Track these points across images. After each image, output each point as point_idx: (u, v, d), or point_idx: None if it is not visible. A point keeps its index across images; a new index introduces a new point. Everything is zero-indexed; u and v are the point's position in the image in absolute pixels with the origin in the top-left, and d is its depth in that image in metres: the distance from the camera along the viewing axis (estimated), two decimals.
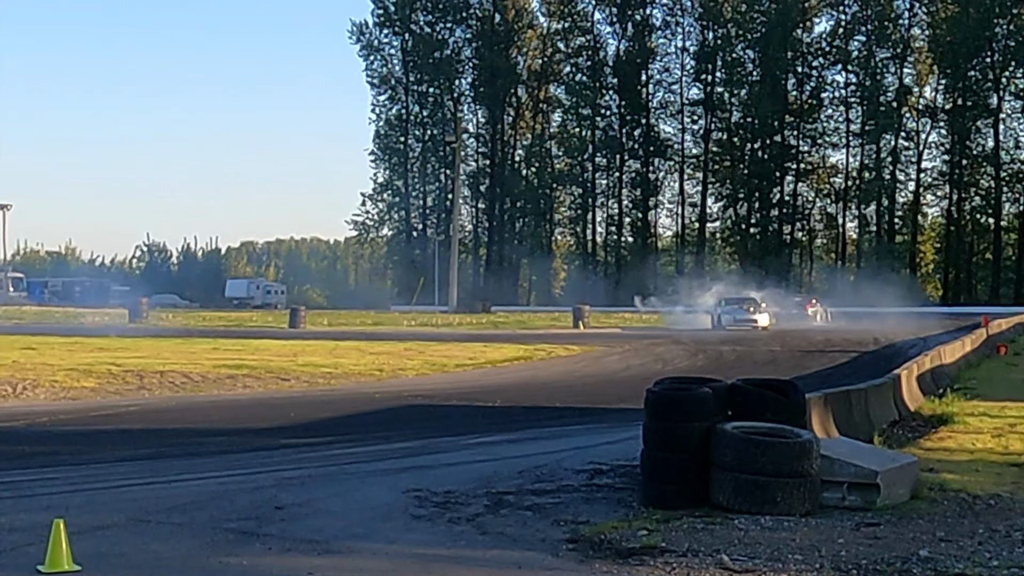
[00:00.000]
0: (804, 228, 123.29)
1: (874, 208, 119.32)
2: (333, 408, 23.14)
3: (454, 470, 14.56)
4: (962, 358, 31.85)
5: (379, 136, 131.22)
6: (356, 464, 15.20)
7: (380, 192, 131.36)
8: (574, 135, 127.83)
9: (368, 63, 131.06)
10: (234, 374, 29.61)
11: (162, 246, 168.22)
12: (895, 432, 17.90)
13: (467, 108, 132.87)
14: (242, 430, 19.53)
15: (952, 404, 21.07)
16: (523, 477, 13.72)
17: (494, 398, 24.90)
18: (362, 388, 27.88)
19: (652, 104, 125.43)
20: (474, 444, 17.70)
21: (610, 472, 14.10)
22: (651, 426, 12.25)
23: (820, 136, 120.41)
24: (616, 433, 18.05)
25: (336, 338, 49.21)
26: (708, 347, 42.77)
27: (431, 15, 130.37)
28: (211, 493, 12.62)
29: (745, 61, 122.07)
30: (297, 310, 67.18)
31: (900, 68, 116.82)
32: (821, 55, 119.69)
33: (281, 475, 14.04)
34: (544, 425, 20.52)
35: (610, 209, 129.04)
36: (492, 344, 44.86)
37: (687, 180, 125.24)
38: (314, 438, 18.43)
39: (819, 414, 14.48)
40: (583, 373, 33.55)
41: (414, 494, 12.48)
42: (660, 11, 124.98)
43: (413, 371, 32.92)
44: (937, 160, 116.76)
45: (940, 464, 14.70)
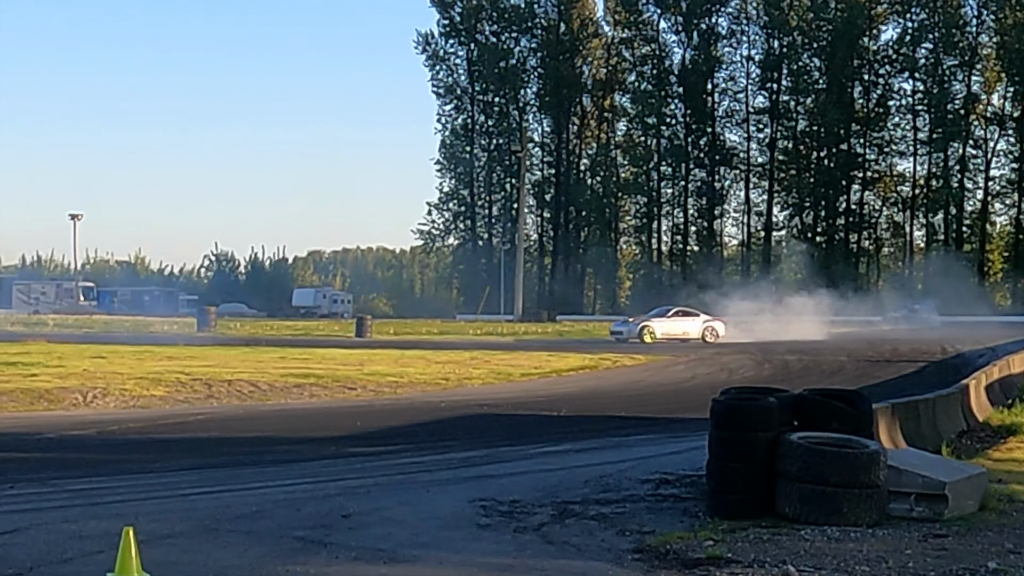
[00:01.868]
0: (871, 237, 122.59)
1: (942, 216, 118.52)
2: (399, 417, 23.21)
3: (519, 479, 14.56)
4: None
5: (445, 145, 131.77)
6: (422, 473, 15.23)
7: (446, 201, 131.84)
8: (639, 144, 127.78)
9: (434, 73, 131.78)
10: (301, 383, 29.74)
11: (230, 255, 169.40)
12: (963, 443, 17.78)
13: (532, 117, 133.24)
14: (309, 439, 19.62)
15: (1021, 414, 20.90)
16: (588, 487, 13.72)
17: (559, 407, 24.89)
18: (428, 397, 27.94)
19: (717, 113, 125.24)
20: (539, 453, 17.70)
21: (676, 482, 14.07)
22: (716, 436, 12.23)
23: (887, 144, 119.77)
24: (682, 443, 18.00)
25: (402, 347, 49.35)
26: (775, 356, 42.58)
27: (496, 25, 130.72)
28: (278, 501, 12.69)
29: (811, 69, 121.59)
30: (363, 319, 67.49)
31: (968, 75, 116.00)
32: (888, 63, 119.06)
33: (347, 484, 14.11)
34: (609, 435, 20.50)
35: (675, 218, 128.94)
36: (557, 353, 44.87)
37: (752, 189, 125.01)
38: (380, 447, 18.49)
39: (886, 424, 14.41)
40: (648, 382, 33.50)
41: (480, 503, 12.51)
42: (726, 20, 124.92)
43: (479, 380, 32.96)
44: (1005, 168, 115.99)
45: (1009, 475, 14.58)
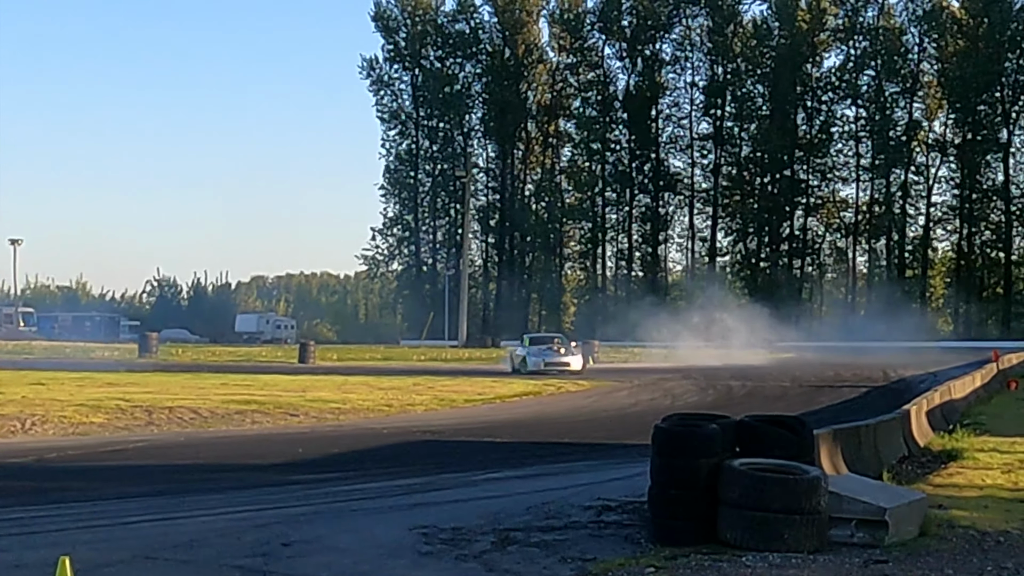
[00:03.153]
0: (814, 263, 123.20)
1: (884, 242, 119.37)
2: (341, 444, 23.13)
3: (462, 506, 14.52)
4: (972, 393, 31.78)
5: (389, 171, 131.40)
6: (363, 500, 15.18)
7: (390, 227, 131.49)
8: (584, 169, 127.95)
9: (378, 98, 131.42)
10: (243, 409, 29.62)
11: (172, 281, 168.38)
12: (904, 468, 17.86)
13: (477, 143, 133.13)
14: (250, 466, 19.53)
15: (962, 440, 21.03)
16: (531, 514, 13.68)
17: (502, 434, 24.89)
18: (370, 423, 27.87)
19: (662, 138, 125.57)
20: (482, 480, 17.68)
21: (618, 509, 14.05)
22: (659, 463, 12.23)
23: (830, 170, 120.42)
24: (624, 469, 18.00)
25: (345, 373, 49.22)
26: (718, 382, 42.74)
27: (441, 50, 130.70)
28: (218, 530, 12.60)
29: (755, 96, 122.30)
30: (306, 345, 67.30)
31: (910, 103, 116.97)
32: (831, 90, 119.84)
33: (289, 511, 14.04)
34: (552, 461, 20.50)
35: (620, 243, 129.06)
36: (501, 379, 44.92)
37: (697, 214, 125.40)
38: (322, 474, 18.42)
39: (828, 450, 14.44)
40: (592, 408, 33.53)
41: (421, 531, 12.45)
42: (670, 46, 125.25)
43: (422, 406, 32.92)
44: (947, 194, 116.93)
45: (949, 500, 14.65)
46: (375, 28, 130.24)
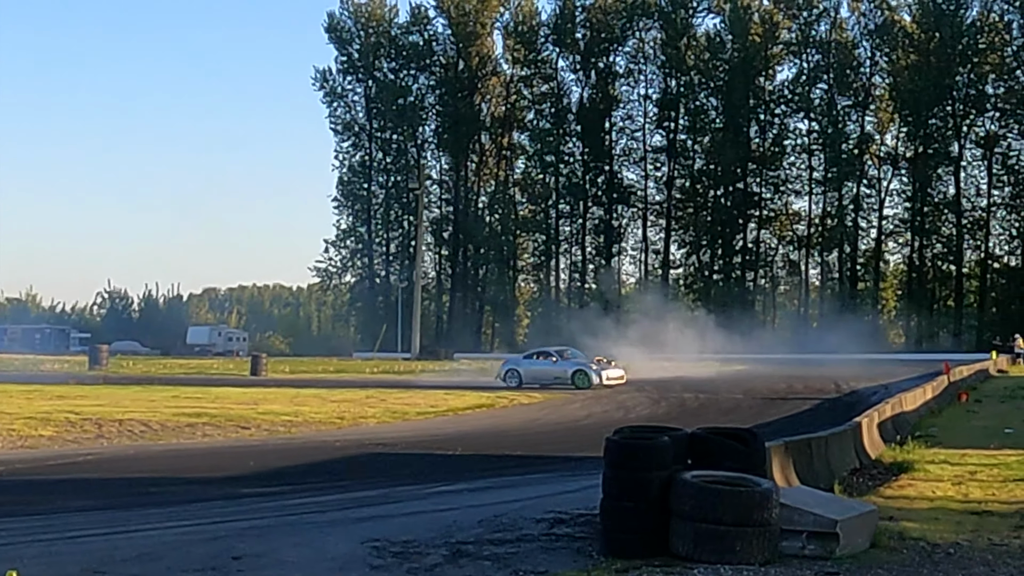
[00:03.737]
0: (767, 275, 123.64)
1: (836, 255, 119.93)
2: (293, 457, 23.03)
3: (413, 519, 14.46)
4: (923, 405, 31.92)
5: (342, 182, 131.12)
6: (315, 513, 15.10)
7: (343, 238, 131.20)
8: (537, 182, 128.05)
9: (331, 109, 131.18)
10: (193, 422, 29.47)
11: (123, 293, 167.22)
12: (856, 480, 17.90)
13: (430, 155, 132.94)
14: (200, 479, 19.40)
15: (913, 452, 21.11)
16: (483, 526, 13.64)
17: (455, 446, 24.82)
18: (322, 436, 27.75)
19: (615, 151, 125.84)
20: (434, 493, 17.62)
21: (570, 521, 14.02)
22: (610, 475, 12.20)
23: (782, 183, 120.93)
24: (577, 482, 17.97)
25: (297, 386, 49.08)
26: (671, 394, 42.78)
27: (394, 62, 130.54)
28: (168, 543, 12.51)
29: (708, 108, 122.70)
30: (258, 357, 66.98)
31: (862, 116, 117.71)
32: (783, 103, 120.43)
33: (239, 525, 13.94)
34: (505, 474, 20.47)
35: (573, 256, 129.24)
36: (454, 392, 44.79)
37: (650, 227, 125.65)
38: (273, 487, 18.32)
39: (779, 462, 14.46)
40: (545, 421, 33.50)
41: (372, 544, 12.39)
42: (623, 59, 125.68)
43: (374, 419, 32.82)
44: (898, 207, 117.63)
45: (900, 512, 14.69)
46: (328, 39, 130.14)
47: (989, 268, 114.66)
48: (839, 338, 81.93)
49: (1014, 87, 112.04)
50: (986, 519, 14.53)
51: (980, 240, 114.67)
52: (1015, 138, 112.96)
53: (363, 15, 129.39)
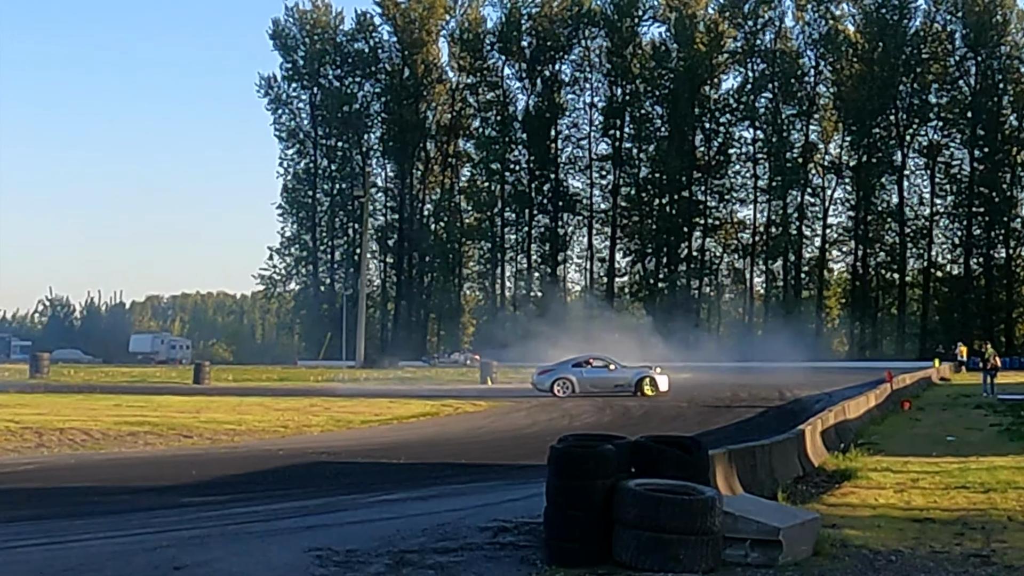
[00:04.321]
0: (712, 283, 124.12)
1: (781, 263, 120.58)
2: (235, 466, 22.84)
3: (357, 528, 14.37)
4: (866, 413, 32.05)
5: (287, 190, 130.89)
6: (257, 523, 14.97)
7: (288, 246, 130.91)
8: (483, 189, 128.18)
9: (276, 117, 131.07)
10: (135, 431, 29.22)
11: (65, 300, 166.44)
12: (799, 488, 17.93)
13: (376, 162, 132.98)
14: (142, 488, 19.20)
15: (855, 459, 21.18)
16: (426, 535, 13.56)
17: (399, 455, 24.70)
18: (266, 445, 27.55)
19: (561, 159, 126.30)
20: (378, 502, 17.51)
21: (514, 530, 13.97)
22: (554, 483, 12.17)
23: (727, 192, 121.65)
24: (521, 490, 17.92)
25: (241, 394, 48.78)
26: (615, 403, 42.75)
27: (340, 69, 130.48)
28: (108, 554, 12.36)
29: (653, 117, 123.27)
30: (201, 365, 66.54)
31: (806, 125, 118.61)
32: (728, 111, 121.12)
33: (180, 535, 13.80)
34: (449, 482, 20.38)
35: (519, 264, 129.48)
36: (399, 400, 44.67)
37: (596, 235, 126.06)
38: (215, 496, 18.15)
39: (723, 470, 14.47)
40: (490, 429, 33.39)
41: (315, 553, 12.29)
42: (569, 67, 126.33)
43: (318, 428, 32.62)
44: (842, 216, 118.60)
45: (843, 520, 14.72)
46: (273, 46, 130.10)
47: (932, 276, 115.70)
48: (783, 346, 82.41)
49: (957, 96, 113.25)
50: (928, 526, 14.59)
51: (923, 249, 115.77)
52: (958, 147, 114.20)
53: (308, 22, 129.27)
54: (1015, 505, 16.53)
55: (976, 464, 21.86)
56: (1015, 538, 13.77)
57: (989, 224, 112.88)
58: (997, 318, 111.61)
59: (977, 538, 13.71)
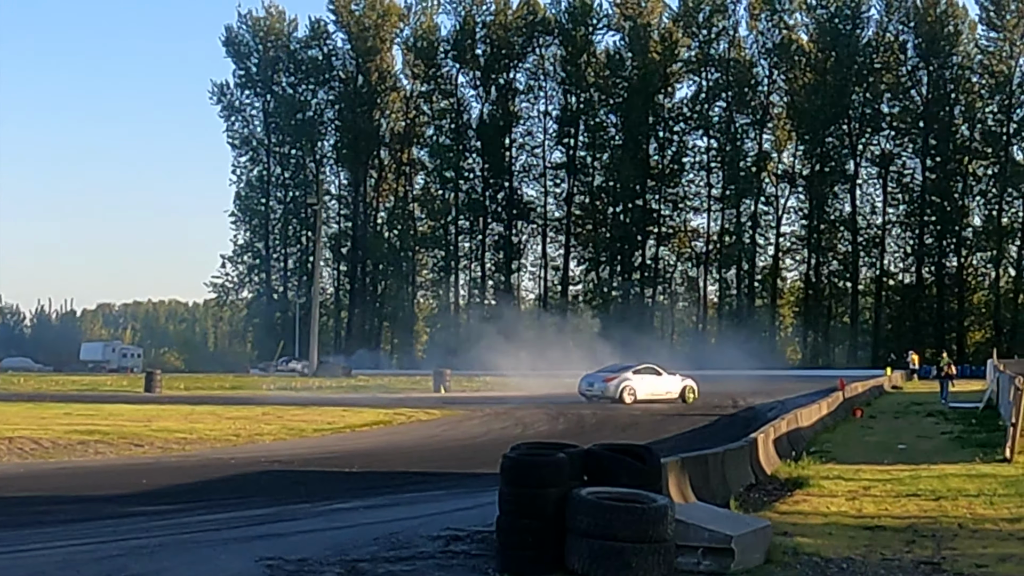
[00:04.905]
0: (665, 291, 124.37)
1: (734, 272, 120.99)
2: (186, 474, 22.71)
3: (309, 537, 14.30)
4: (819, 421, 32.19)
5: (240, 197, 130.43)
6: (208, 532, 14.88)
7: (240, 254, 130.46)
8: (437, 197, 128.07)
9: (229, 124, 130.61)
10: (86, 440, 29.01)
11: (15, 308, 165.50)
12: (751, 496, 17.98)
13: (329, 170, 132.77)
14: (92, 497, 19.06)
15: (808, 467, 21.27)
16: (378, 544, 13.51)
17: (352, 464, 24.63)
18: (217, 454, 27.41)
19: (515, 167, 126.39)
20: (330, 511, 17.44)
21: (467, 538, 13.93)
22: (507, 492, 12.14)
23: (681, 200, 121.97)
24: (474, 499, 17.90)
25: (192, 402, 48.52)
26: (569, 411, 42.75)
27: (293, 76, 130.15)
28: (58, 563, 12.26)
29: (607, 125, 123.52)
30: (153, 374, 66.09)
31: (759, 134, 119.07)
32: (682, 120, 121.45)
33: (131, 544, 13.70)
34: (402, 491, 20.33)
35: (473, 272, 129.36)
36: (352, 408, 44.54)
37: (550, 243, 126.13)
38: (166, 505, 18.03)
39: (676, 478, 14.48)
40: (443, 438, 33.34)
41: (267, 563, 12.22)
42: (523, 75, 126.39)
43: (270, 436, 32.48)
44: (796, 225, 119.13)
45: (795, 528, 14.75)
46: (226, 53, 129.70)
47: (884, 285, 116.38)
48: (737, 354, 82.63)
49: (909, 106, 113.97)
50: (879, 534, 14.64)
51: (875, 257, 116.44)
52: (910, 157, 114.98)
53: (261, 29, 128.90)
54: (965, 513, 16.62)
55: (927, 472, 21.99)
56: (965, 545, 13.84)
57: (941, 233, 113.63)
58: (948, 326, 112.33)
59: (928, 545, 13.78)
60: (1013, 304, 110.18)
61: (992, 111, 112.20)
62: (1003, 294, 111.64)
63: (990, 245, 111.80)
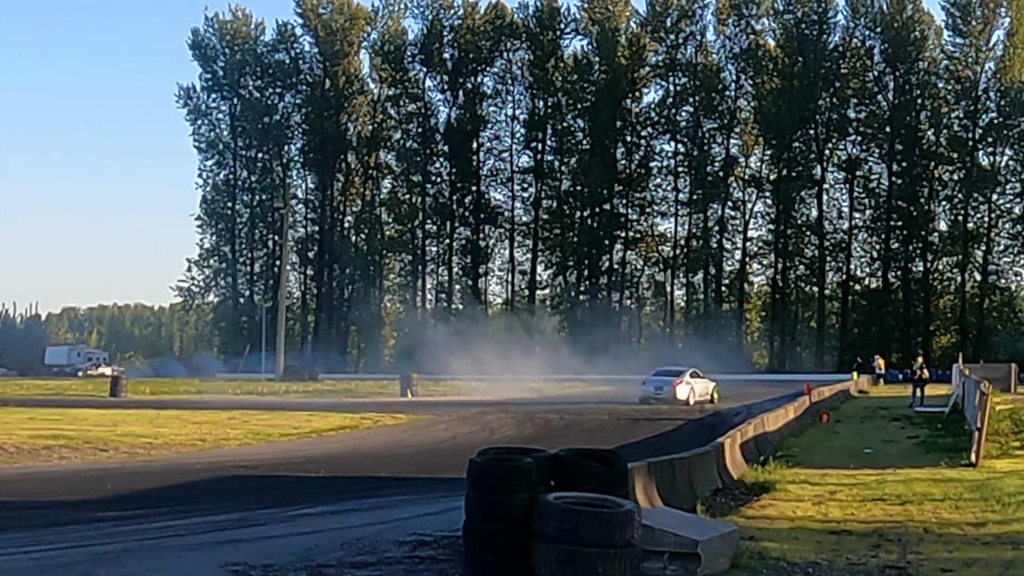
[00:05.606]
0: (633, 296, 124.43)
1: (701, 276, 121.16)
2: (152, 479, 22.62)
3: (275, 543, 14.25)
4: (785, 426, 32.27)
5: (206, 201, 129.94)
6: (174, 537, 14.80)
7: (207, 258, 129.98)
8: (404, 201, 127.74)
9: (195, 127, 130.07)
10: (51, 445, 28.89)
11: None
12: (718, 500, 18.00)
13: (296, 174, 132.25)
14: (56, 503, 18.96)
15: (774, 472, 21.32)
16: (344, 549, 13.48)
17: (318, 468, 24.57)
18: (183, 459, 27.31)
19: (483, 171, 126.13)
20: (296, 516, 17.39)
21: (433, 543, 13.91)
22: (474, 497, 12.11)
23: (649, 205, 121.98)
24: (440, 504, 17.88)
25: (158, 407, 48.41)
26: (536, 415, 42.75)
27: (260, 80, 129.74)
28: (22, 569, 12.20)
29: (575, 130, 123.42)
30: (118, 378, 65.94)
31: (727, 138, 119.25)
32: (650, 125, 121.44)
33: (96, 549, 13.63)
34: (368, 496, 20.28)
35: (440, 276, 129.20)
36: (318, 413, 44.48)
37: (517, 247, 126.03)
38: (131, 511, 17.95)
39: (642, 483, 14.48)
40: (409, 442, 33.29)
41: (232, 568, 12.18)
42: (491, 79, 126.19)
43: (236, 441, 32.40)
44: (763, 229, 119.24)
45: (761, 532, 14.78)
46: (193, 56, 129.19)
47: (850, 290, 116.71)
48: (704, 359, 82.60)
49: (875, 111, 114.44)
50: (845, 538, 14.68)
51: (842, 262, 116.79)
52: (876, 161, 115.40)
53: (228, 32, 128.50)
54: (931, 517, 16.69)
55: (893, 476, 22.08)
56: (930, 550, 13.89)
57: (907, 238, 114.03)
58: (914, 331, 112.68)
59: (893, 550, 13.82)
60: (978, 309, 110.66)
61: (958, 116, 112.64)
62: (969, 299, 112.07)
63: (956, 250, 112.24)
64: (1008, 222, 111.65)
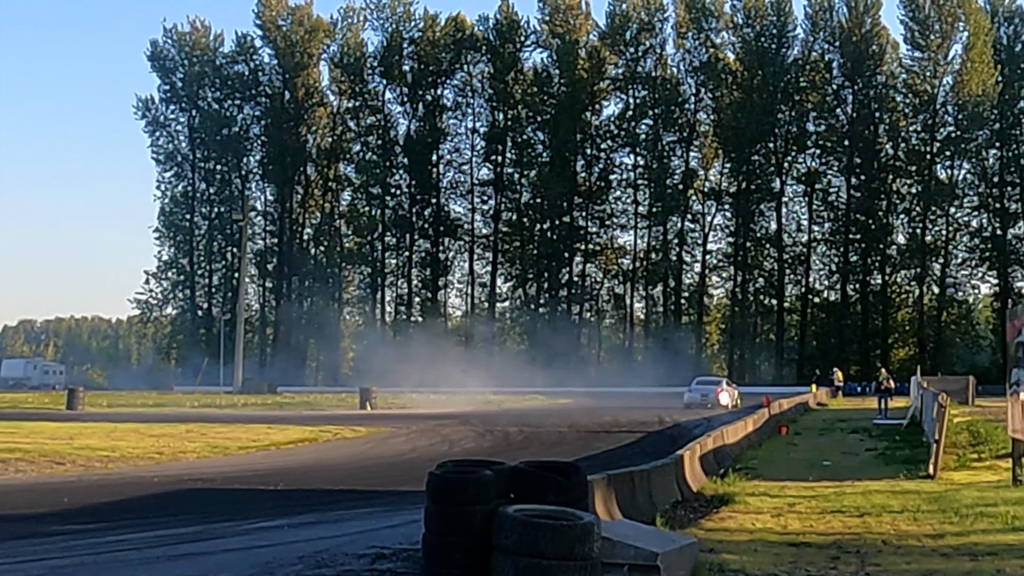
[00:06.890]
0: (592, 308, 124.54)
1: (661, 289, 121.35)
2: (109, 493, 22.47)
3: (231, 556, 14.15)
4: (744, 438, 32.34)
5: (164, 213, 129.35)
6: (129, 551, 14.69)
7: (165, 270, 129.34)
8: (364, 214, 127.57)
9: (154, 139, 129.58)
10: (6, 458, 28.66)
11: None
12: (677, 513, 18.00)
13: (255, 186, 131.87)
14: (11, 517, 18.80)
15: (733, 484, 21.35)
16: (303, 563, 13.39)
17: (277, 481, 24.46)
18: (140, 472, 27.14)
19: (442, 184, 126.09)
20: (254, 529, 17.29)
21: (392, 556, 13.84)
22: (433, 510, 12.04)
23: (608, 217, 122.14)
24: (400, 516, 17.81)
25: (115, 420, 48.08)
26: (496, 428, 42.74)
27: (219, 91, 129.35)
28: None
29: (535, 142, 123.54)
30: (75, 391, 65.49)
31: (686, 151, 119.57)
32: (610, 138, 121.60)
33: (50, 563, 13.52)
34: (326, 509, 20.20)
35: (400, 288, 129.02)
36: (277, 426, 44.29)
37: (477, 260, 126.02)
38: (87, 524, 17.82)
39: (602, 496, 14.46)
40: (369, 455, 33.20)
41: None
42: (451, 92, 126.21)
43: (194, 454, 32.23)
44: (722, 242, 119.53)
45: (720, 544, 14.77)
46: (151, 68, 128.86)
47: (809, 302, 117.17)
48: (663, 371, 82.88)
49: (834, 125, 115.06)
50: (804, 550, 14.69)
51: (801, 275, 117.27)
52: (835, 175, 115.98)
53: (187, 44, 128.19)
54: (889, 529, 16.73)
55: (852, 488, 22.14)
56: (889, 561, 13.91)
57: (865, 251, 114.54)
58: (873, 343, 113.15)
59: (852, 562, 13.83)
60: (936, 321, 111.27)
61: (916, 130, 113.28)
62: (926, 311, 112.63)
63: (914, 263, 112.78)
64: (966, 235, 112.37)
